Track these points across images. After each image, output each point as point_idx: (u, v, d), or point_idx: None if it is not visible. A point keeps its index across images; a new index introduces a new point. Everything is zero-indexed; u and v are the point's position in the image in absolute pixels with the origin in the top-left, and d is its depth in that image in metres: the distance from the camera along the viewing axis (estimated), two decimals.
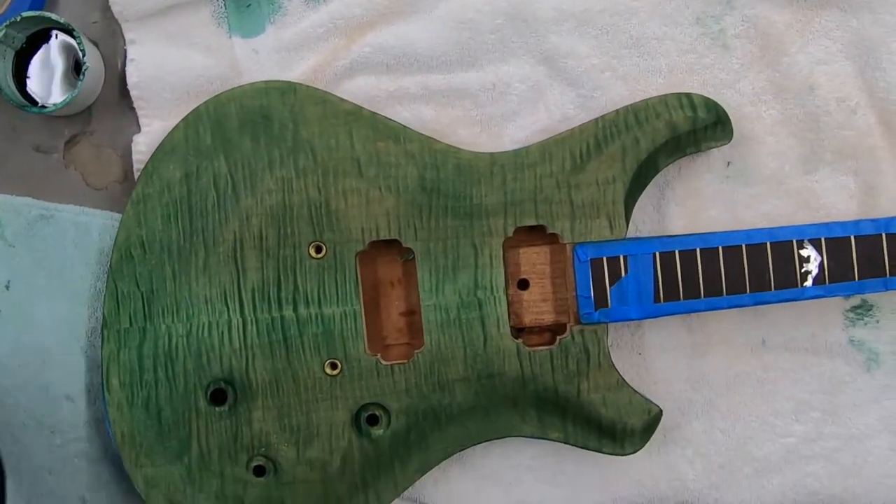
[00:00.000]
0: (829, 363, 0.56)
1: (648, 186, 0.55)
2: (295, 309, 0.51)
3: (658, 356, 0.56)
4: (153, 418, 0.52)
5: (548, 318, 0.52)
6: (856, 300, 0.56)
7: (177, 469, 0.52)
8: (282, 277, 0.51)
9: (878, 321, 0.56)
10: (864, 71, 0.55)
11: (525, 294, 0.53)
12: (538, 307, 0.53)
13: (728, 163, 0.56)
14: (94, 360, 0.56)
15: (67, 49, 0.55)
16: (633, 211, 0.55)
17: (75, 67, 0.56)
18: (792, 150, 0.55)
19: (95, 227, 0.56)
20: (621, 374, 0.52)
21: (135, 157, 0.55)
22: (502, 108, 0.55)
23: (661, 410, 0.52)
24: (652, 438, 0.56)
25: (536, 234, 0.53)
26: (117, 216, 0.56)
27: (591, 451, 0.56)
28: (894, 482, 0.56)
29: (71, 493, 0.57)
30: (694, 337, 0.56)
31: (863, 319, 0.56)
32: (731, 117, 0.52)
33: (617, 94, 0.55)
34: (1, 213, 0.56)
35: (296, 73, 0.55)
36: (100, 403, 0.57)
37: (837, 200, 0.55)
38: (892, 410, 0.56)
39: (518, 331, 0.53)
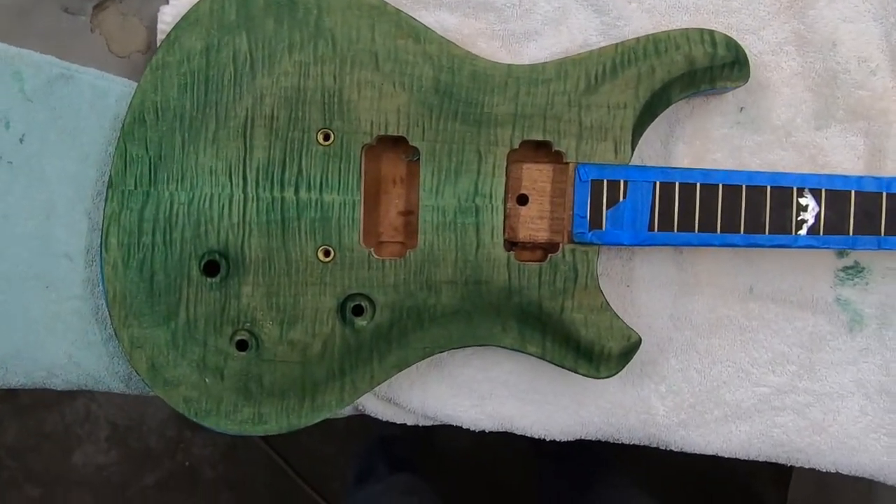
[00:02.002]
0: (813, 319, 0.57)
1: (658, 122, 0.55)
2: (296, 192, 0.52)
3: (645, 290, 0.57)
4: (146, 281, 0.53)
5: (542, 235, 0.53)
6: (849, 260, 0.56)
7: (162, 333, 0.53)
8: (287, 159, 0.52)
9: (867, 283, 0.56)
10: (889, 34, 0.55)
11: (523, 209, 0.53)
12: (534, 224, 0.53)
13: (741, 108, 0.56)
14: (96, 222, 0.58)
15: None
16: (641, 144, 0.55)
17: None
18: (806, 103, 0.55)
19: (113, 92, 0.57)
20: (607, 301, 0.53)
21: (160, 27, 0.56)
22: (525, 25, 0.56)
23: (640, 338, 0.53)
24: (628, 370, 0.57)
25: (541, 151, 0.54)
26: (136, 85, 0.57)
27: (566, 374, 0.57)
28: (858, 444, 0.57)
29: (60, 348, 0.59)
30: (683, 275, 0.57)
31: (853, 280, 0.56)
32: (750, 63, 0.53)
33: (641, 25, 0.55)
34: (23, 67, 0.57)
35: None
36: (97, 266, 0.58)
37: (844, 159, 0.55)
38: (867, 374, 0.57)
39: (511, 244, 0.54)
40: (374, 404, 0.59)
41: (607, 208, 0.52)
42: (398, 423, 0.60)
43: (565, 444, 1.32)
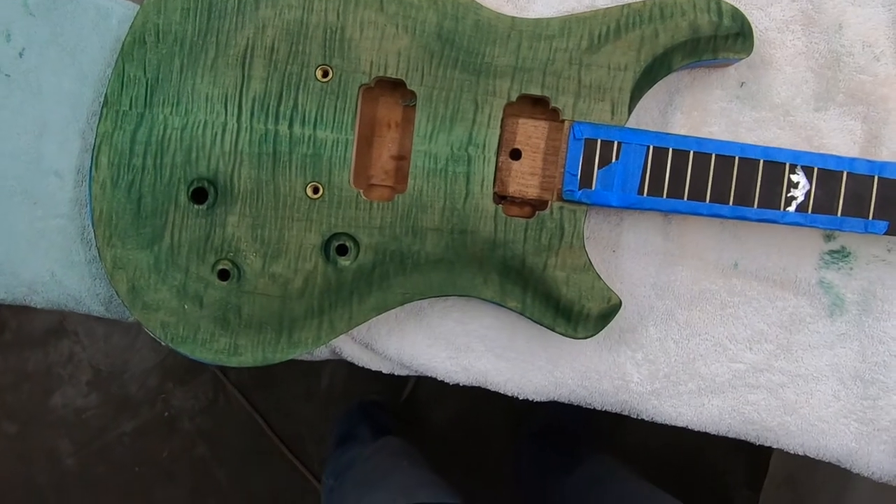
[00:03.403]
0: (794, 300, 0.57)
1: (658, 89, 0.55)
2: (290, 126, 0.52)
3: (630, 257, 0.57)
4: (133, 203, 0.53)
5: (532, 192, 0.53)
6: (835, 244, 0.56)
7: (145, 256, 0.53)
8: (284, 92, 0.52)
9: (851, 268, 0.56)
10: None
11: (515, 164, 0.53)
12: (525, 179, 0.53)
13: (742, 83, 0.56)
14: (89, 143, 0.58)
15: None
16: (638, 110, 0.56)
17: None
18: (807, 83, 0.55)
19: (116, 14, 0.57)
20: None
21: None
22: None
23: (619, 301, 0.53)
24: (605, 335, 0.57)
25: (538, 108, 0.54)
26: (139, 8, 0.56)
27: (544, 334, 0.57)
28: (828, 427, 0.57)
29: (42, 266, 0.59)
30: (669, 245, 0.57)
31: (837, 264, 0.56)
32: (754, 37, 0.52)
33: None
34: None
35: None
36: (86, 186, 0.58)
37: (840, 143, 0.55)
38: (843, 359, 0.57)
39: (500, 198, 0.54)
40: (351, 348, 0.59)
41: (599, 168, 0.52)
42: (374, 369, 0.60)
43: (545, 426, 1.33)
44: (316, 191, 0.53)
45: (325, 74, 0.52)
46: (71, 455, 1.47)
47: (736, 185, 0.51)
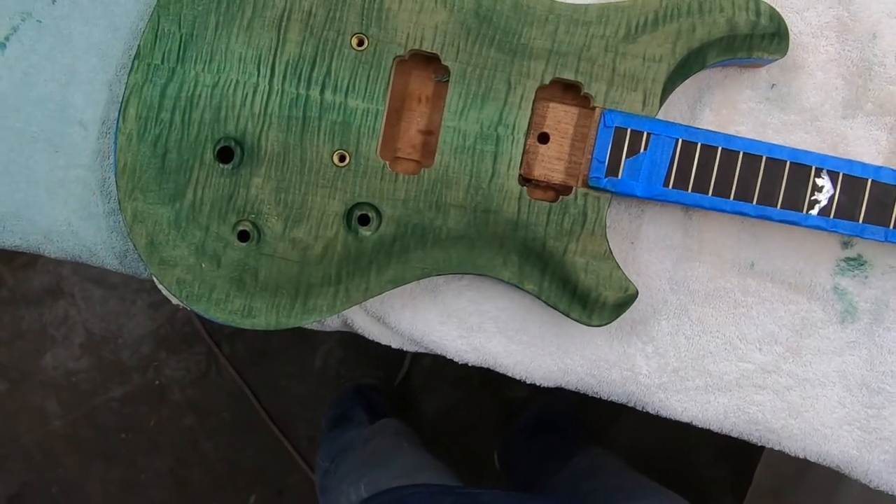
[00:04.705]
0: (807, 304, 0.57)
1: (688, 85, 0.56)
2: (322, 92, 0.52)
3: (648, 250, 0.57)
4: (158, 157, 0.53)
5: (557, 176, 0.53)
6: (852, 252, 0.57)
7: (166, 212, 0.53)
8: (318, 58, 0.52)
9: (867, 277, 0.57)
10: None
11: (542, 147, 0.53)
12: (551, 164, 0.53)
13: (773, 85, 0.56)
14: (116, 95, 0.57)
15: None
16: (668, 104, 0.56)
17: None
18: (837, 90, 0.56)
19: None
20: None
21: None
22: None
23: (636, 291, 0.53)
24: (617, 326, 0.57)
25: (570, 94, 0.54)
26: None
27: (556, 320, 0.57)
28: (831, 433, 0.57)
29: (60, 214, 0.59)
30: (688, 241, 0.57)
31: (853, 271, 0.57)
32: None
33: None
34: None
35: None
36: (110, 138, 0.58)
37: (865, 151, 0.56)
38: (851, 366, 0.57)
39: (526, 180, 0.54)
40: (363, 320, 0.59)
41: (626, 157, 0.52)
42: (384, 343, 0.60)
43: (535, 421, 1.33)
44: (342, 159, 0.53)
45: (361, 43, 0.52)
46: (59, 417, 1.46)
47: (761, 184, 0.51)
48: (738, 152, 0.52)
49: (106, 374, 1.47)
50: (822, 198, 0.51)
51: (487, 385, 1.44)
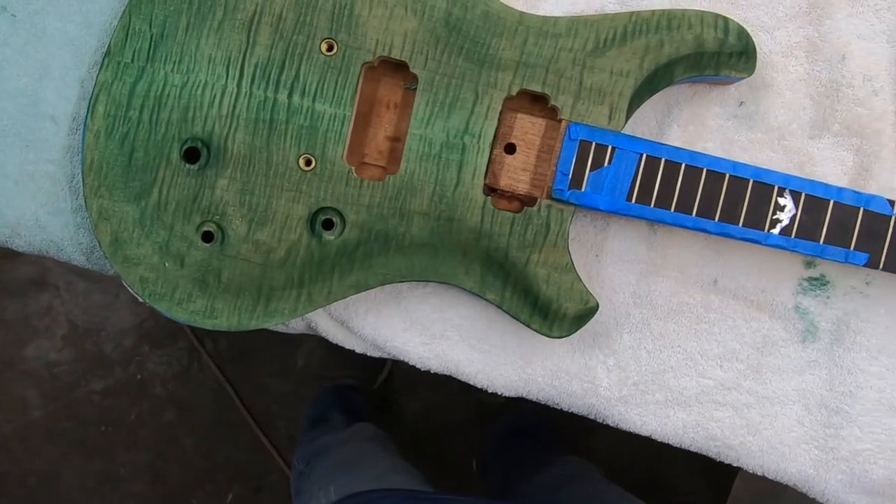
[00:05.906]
0: (769, 323, 0.57)
1: (657, 100, 0.56)
2: (290, 96, 0.52)
3: (612, 263, 0.57)
4: (125, 155, 0.53)
5: (522, 187, 0.53)
6: (815, 272, 0.57)
7: (131, 210, 0.53)
8: (287, 62, 0.52)
9: (828, 297, 0.57)
10: None
11: (508, 158, 0.54)
12: (516, 174, 0.54)
13: (741, 103, 0.56)
14: (88, 91, 0.58)
15: None
16: (636, 119, 0.56)
17: None
18: (805, 110, 0.56)
19: None
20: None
21: None
22: None
23: (597, 304, 0.53)
24: (580, 338, 0.57)
25: (538, 105, 0.54)
26: None
27: (519, 330, 0.58)
28: (789, 451, 0.58)
29: (28, 209, 0.59)
30: (652, 255, 0.57)
31: (815, 291, 0.57)
32: (757, 59, 0.53)
33: (659, 3, 0.55)
34: None
35: None
36: (80, 134, 0.58)
37: (830, 172, 0.56)
38: (811, 385, 0.57)
39: (490, 189, 0.54)
40: (327, 324, 0.59)
41: (590, 171, 0.52)
42: (347, 348, 0.60)
43: (510, 429, 1.33)
44: (308, 163, 0.53)
45: (330, 48, 0.52)
46: (39, 408, 1.46)
47: (724, 201, 0.52)
48: (702, 169, 0.52)
49: (88, 367, 1.47)
50: (784, 217, 0.52)
51: (467, 390, 1.44)
